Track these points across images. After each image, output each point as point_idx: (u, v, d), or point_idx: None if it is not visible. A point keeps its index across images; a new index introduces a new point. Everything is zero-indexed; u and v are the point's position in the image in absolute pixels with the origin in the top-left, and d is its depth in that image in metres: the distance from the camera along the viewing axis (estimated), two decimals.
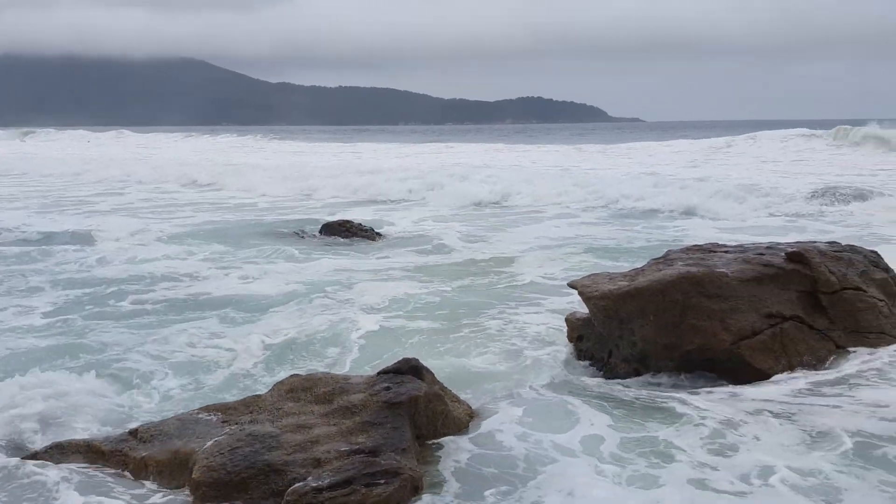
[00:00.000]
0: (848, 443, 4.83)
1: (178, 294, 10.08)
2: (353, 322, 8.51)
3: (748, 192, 18.82)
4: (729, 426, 5.16)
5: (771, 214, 17.17)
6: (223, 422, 4.94)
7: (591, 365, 7.12)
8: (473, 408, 5.58)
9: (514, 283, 10.64)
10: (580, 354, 7.31)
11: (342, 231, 15.33)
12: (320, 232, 15.64)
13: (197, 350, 7.69)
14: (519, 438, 4.99)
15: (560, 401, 5.90)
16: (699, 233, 14.61)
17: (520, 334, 8.05)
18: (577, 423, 5.31)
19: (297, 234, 15.88)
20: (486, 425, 5.25)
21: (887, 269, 7.41)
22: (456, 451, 4.83)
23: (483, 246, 13.93)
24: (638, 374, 6.63)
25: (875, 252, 7.64)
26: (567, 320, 7.61)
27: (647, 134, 70.35)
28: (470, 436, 5.06)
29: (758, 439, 4.95)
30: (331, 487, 3.99)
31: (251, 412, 5.02)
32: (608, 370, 6.95)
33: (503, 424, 5.25)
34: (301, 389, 5.01)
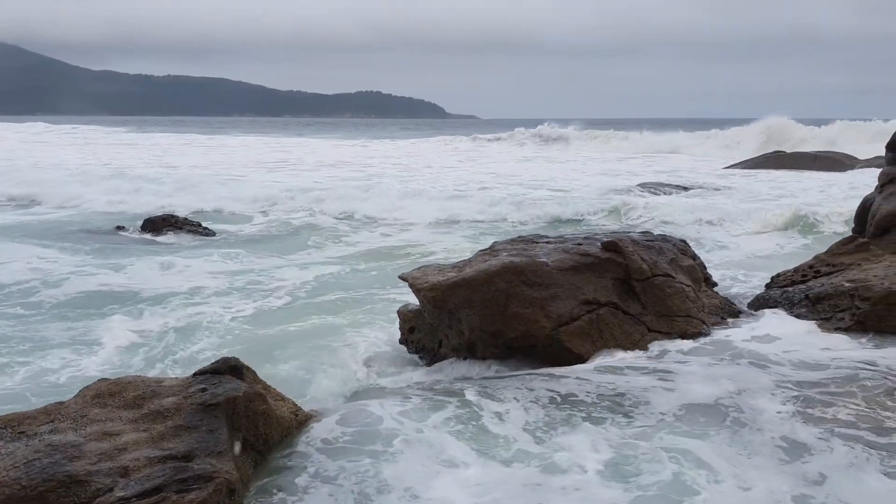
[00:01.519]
0: (656, 417, 5.10)
1: None
2: (165, 324, 8.13)
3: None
4: (543, 406, 5.29)
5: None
6: (19, 433, 4.50)
7: (422, 357, 7.17)
8: (306, 408, 5.43)
9: (355, 277, 10.56)
10: (412, 346, 7.34)
11: (167, 227, 14.59)
12: (142, 228, 14.83)
13: None
14: (348, 437, 4.89)
15: (391, 395, 5.87)
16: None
17: (353, 330, 7.97)
18: (405, 418, 5.27)
19: (117, 229, 14.97)
20: (315, 425, 5.12)
21: (694, 257, 7.98)
22: (285, 452, 4.67)
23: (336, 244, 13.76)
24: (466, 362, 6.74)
25: (684, 241, 8.21)
26: (399, 313, 7.61)
27: (476, 129, 72.41)
28: (299, 436, 4.91)
29: (571, 420, 5.12)
30: (138, 496, 3.73)
31: (52, 421, 4.60)
32: (438, 360, 7.02)
33: (331, 424, 5.13)
34: (108, 394, 4.65)
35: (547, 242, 7.40)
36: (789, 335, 6.72)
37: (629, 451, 4.56)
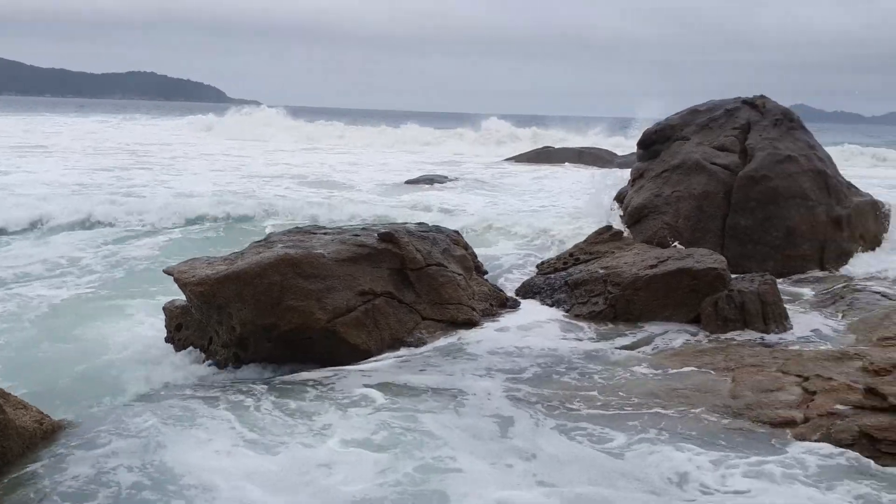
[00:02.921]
0: (443, 402, 5.25)
1: None
2: None
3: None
4: (329, 404, 5.27)
5: None
6: None
7: (189, 354, 6.83)
8: (56, 417, 4.95)
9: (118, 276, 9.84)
10: (180, 343, 6.96)
11: None
12: None
13: None
14: (100, 445, 4.51)
15: (152, 398, 5.54)
16: None
17: (119, 331, 7.43)
18: (165, 423, 4.98)
19: None
20: (65, 435, 4.69)
21: (466, 247, 8.27)
22: (26, 467, 4.22)
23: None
24: (238, 358, 6.51)
25: (457, 232, 8.48)
26: (165, 310, 7.19)
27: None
28: (45, 448, 4.47)
29: (347, 415, 5.11)
30: None
31: None
32: (209, 357, 6.72)
33: (84, 432, 4.73)
34: None
35: (325, 233, 7.32)
36: (534, 324, 7.22)
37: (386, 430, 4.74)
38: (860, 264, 9.81)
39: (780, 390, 5.25)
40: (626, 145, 30.35)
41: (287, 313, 6.25)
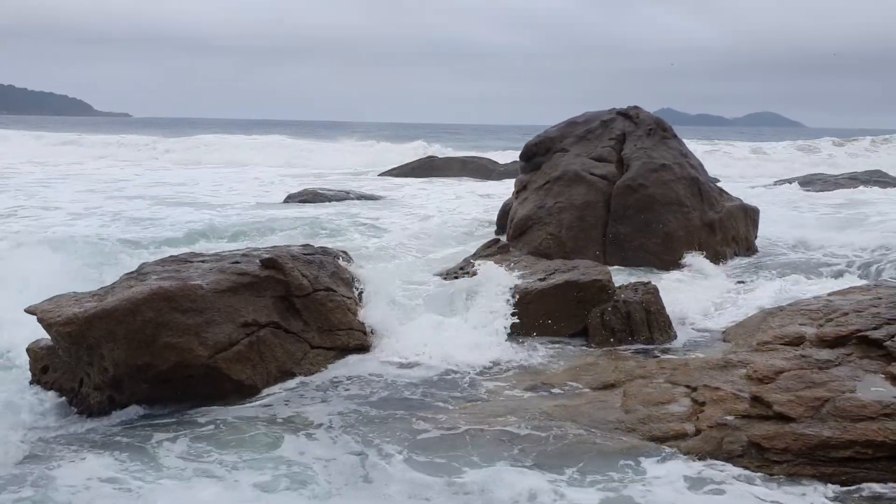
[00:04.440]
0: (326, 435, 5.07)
1: None
2: None
3: None
4: (211, 444, 5.00)
5: None
6: None
7: (59, 398, 6.29)
8: None
9: None
10: (47, 386, 6.41)
11: None
12: None
13: None
14: None
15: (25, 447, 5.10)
16: None
17: None
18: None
19: None
20: None
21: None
22: None
23: None
24: (113, 401, 6.03)
25: (345, 252, 8.24)
26: (29, 350, 6.60)
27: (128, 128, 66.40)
28: None
29: (229, 456, 4.85)
30: None
31: None
32: (80, 402, 6.21)
33: None
34: None
35: (202, 261, 6.92)
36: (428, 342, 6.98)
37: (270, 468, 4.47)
38: (734, 266, 10.26)
39: (670, 402, 5.34)
40: (507, 155, 30.86)
41: (164, 351, 5.85)
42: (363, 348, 6.88)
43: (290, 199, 18.32)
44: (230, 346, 6.06)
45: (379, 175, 27.77)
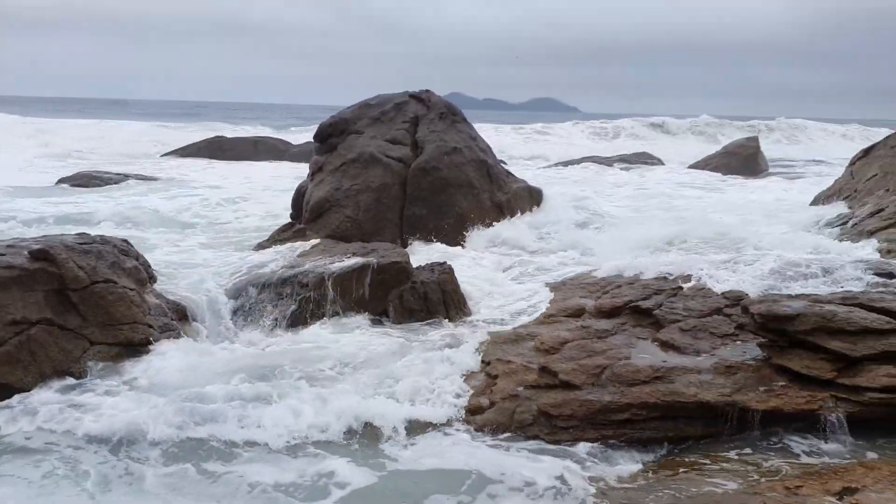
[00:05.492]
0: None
1: None
2: None
3: None
4: None
5: None
6: None
7: None
8: None
9: None
10: None
11: None
12: None
13: None
14: None
15: None
16: None
17: None
18: None
19: None
20: None
21: (138, 257, 7.52)
22: None
23: None
24: None
25: (125, 240, 7.67)
26: None
27: None
28: None
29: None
30: None
31: None
32: None
33: None
34: None
35: None
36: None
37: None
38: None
39: (467, 377, 5.52)
40: (297, 135, 30.25)
41: None
42: (149, 343, 6.44)
43: (64, 182, 16.87)
44: None
45: (162, 156, 26.18)
